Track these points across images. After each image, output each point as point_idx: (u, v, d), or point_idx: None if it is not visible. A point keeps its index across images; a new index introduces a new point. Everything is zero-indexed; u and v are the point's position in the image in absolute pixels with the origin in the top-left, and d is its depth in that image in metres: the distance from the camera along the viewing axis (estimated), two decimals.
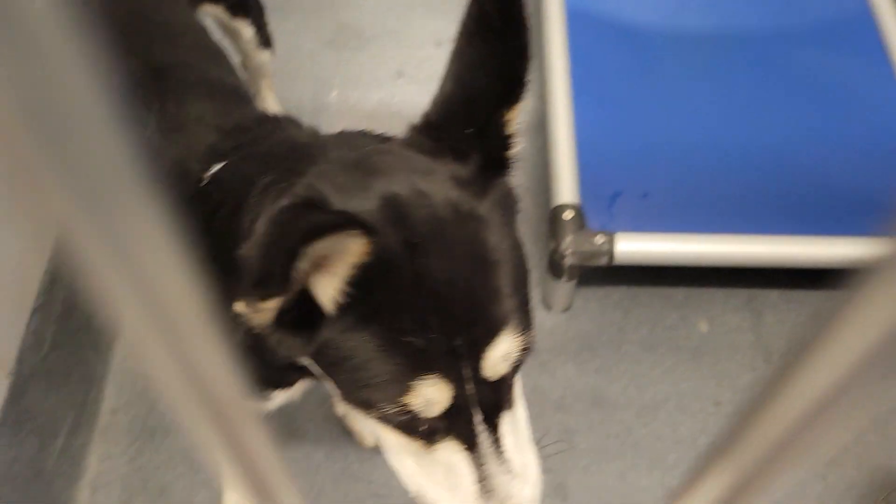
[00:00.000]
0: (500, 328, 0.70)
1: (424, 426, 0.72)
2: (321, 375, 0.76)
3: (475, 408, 0.72)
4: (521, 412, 0.78)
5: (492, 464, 0.74)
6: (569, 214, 1.48)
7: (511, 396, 0.76)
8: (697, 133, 1.66)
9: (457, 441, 0.73)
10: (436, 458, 0.75)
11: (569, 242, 1.46)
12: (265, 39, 1.59)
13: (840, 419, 0.14)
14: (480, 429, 0.73)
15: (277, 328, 0.68)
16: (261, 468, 0.19)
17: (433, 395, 0.69)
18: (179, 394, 0.16)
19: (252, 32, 1.53)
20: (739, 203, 1.57)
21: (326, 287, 0.67)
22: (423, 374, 0.68)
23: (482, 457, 0.73)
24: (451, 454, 0.74)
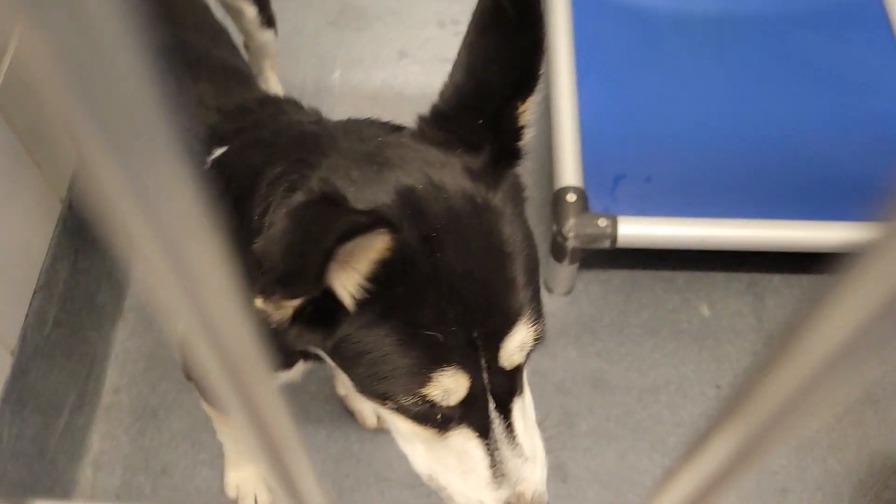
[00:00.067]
0: (517, 319, 0.71)
1: (438, 415, 0.73)
2: (335, 368, 0.76)
3: (489, 396, 0.73)
4: (528, 396, 0.79)
5: (504, 449, 0.75)
6: (572, 197, 1.48)
7: (522, 382, 0.77)
8: (701, 117, 1.65)
9: (470, 428, 0.74)
10: (448, 445, 0.76)
11: (571, 225, 1.46)
12: (268, 19, 1.58)
13: (825, 397, 0.15)
14: (494, 415, 0.74)
15: (295, 324, 0.69)
16: (273, 430, 0.19)
17: (451, 386, 0.69)
18: (193, 333, 0.16)
19: (255, 12, 1.52)
20: (743, 187, 1.57)
21: (346, 283, 0.67)
22: (443, 366, 0.68)
23: (495, 442, 0.75)
24: (465, 441, 0.75)
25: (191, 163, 0.13)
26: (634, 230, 1.47)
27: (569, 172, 1.52)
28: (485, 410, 0.73)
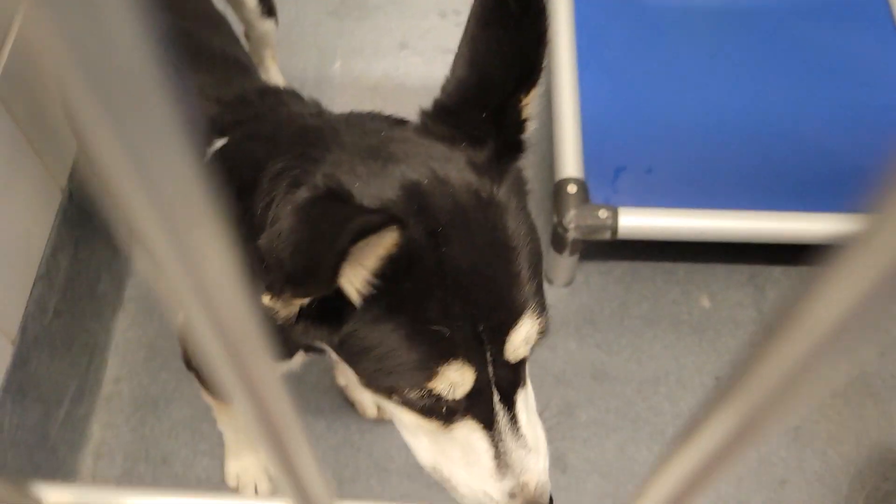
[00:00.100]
0: (522, 312, 0.71)
1: (444, 407, 0.74)
2: (336, 359, 0.76)
3: (494, 388, 0.73)
4: (529, 387, 0.79)
5: (508, 440, 0.75)
6: (572, 188, 1.48)
7: (525, 375, 0.77)
8: (703, 108, 1.65)
9: (475, 420, 0.75)
10: (453, 437, 0.76)
11: (572, 216, 1.46)
12: (269, 8, 1.57)
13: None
14: (498, 408, 0.74)
15: (301, 320, 0.69)
16: (275, 416, 0.20)
17: (457, 380, 0.70)
18: (196, 319, 0.16)
19: (255, 1, 1.52)
20: (744, 179, 1.57)
21: (353, 279, 0.67)
22: (449, 360, 0.69)
23: (499, 434, 0.75)
24: (469, 433, 0.75)
25: (194, 146, 0.13)
26: (635, 221, 1.46)
27: (570, 164, 1.51)
28: (489, 403, 0.74)
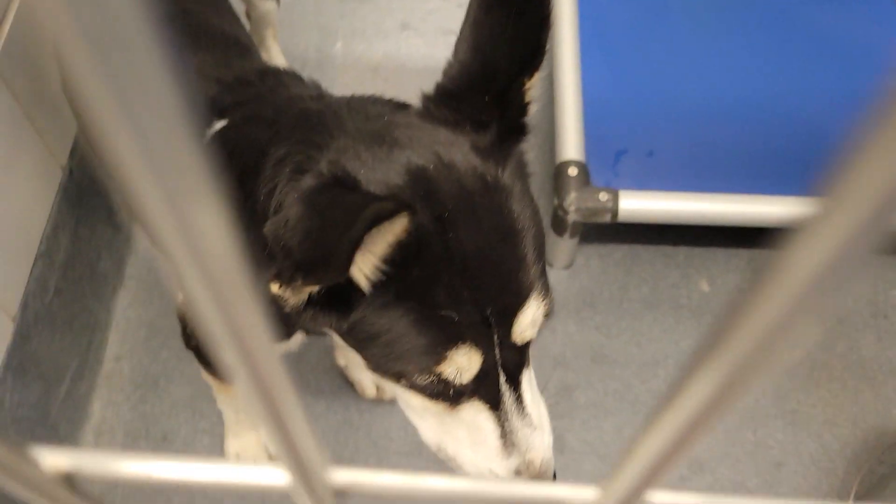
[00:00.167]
0: (528, 295, 0.72)
1: (451, 390, 0.74)
2: (346, 347, 0.77)
3: (500, 370, 0.74)
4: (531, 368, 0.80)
5: (514, 420, 0.76)
6: (573, 171, 1.48)
7: (529, 356, 0.78)
8: (704, 92, 1.64)
9: (481, 401, 0.76)
10: (460, 418, 0.77)
11: (572, 199, 1.46)
12: None
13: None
14: (504, 388, 0.75)
15: (309, 307, 0.69)
16: (274, 392, 0.20)
17: (465, 364, 0.71)
18: (196, 294, 0.16)
19: None
20: (744, 162, 1.56)
21: (363, 266, 0.67)
22: (457, 344, 0.70)
23: (505, 413, 0.76)
24: (476, 413, 0.76)
25: (197, 123, 0.13)
26: (635, 204, 1.46)
27: (570, 146, 1.51)
28: (496, 384, 0.75)
